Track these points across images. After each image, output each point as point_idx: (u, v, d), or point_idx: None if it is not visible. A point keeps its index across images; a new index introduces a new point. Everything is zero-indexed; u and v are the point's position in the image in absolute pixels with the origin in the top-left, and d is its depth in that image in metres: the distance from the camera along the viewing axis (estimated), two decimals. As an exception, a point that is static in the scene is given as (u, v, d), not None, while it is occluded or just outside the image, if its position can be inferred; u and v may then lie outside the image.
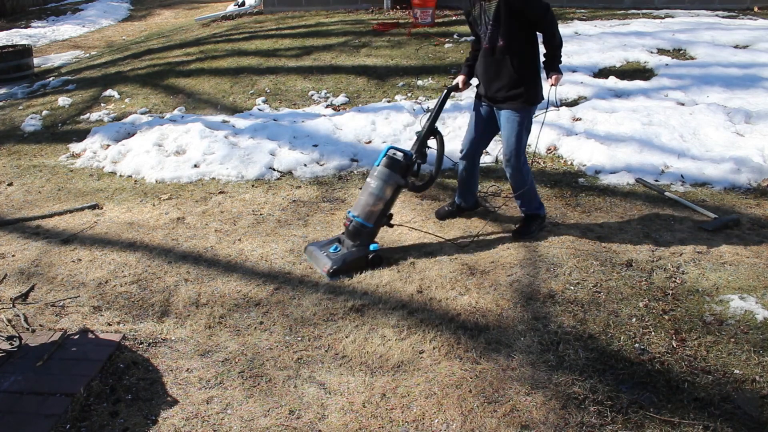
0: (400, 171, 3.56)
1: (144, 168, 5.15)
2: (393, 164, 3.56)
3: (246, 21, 11.40)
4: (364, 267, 3.51)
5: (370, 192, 3.55)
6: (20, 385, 2.64)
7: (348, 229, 3.58)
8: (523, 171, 3.64)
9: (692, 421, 2.38)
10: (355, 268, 3.49)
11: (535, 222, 3.85)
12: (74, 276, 3.60)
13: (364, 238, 3.55)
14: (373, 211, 3.54)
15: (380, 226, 3.63)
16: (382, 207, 3.55)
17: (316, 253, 3.60)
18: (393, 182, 3.55)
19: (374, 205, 3.54)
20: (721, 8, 10.26)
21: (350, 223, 3.57)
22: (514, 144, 3.55)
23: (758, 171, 4.54)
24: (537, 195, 3.83)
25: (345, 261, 3.47)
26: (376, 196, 3.53)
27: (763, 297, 3.11)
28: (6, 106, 7.55)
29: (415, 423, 2.45)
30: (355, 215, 3.56)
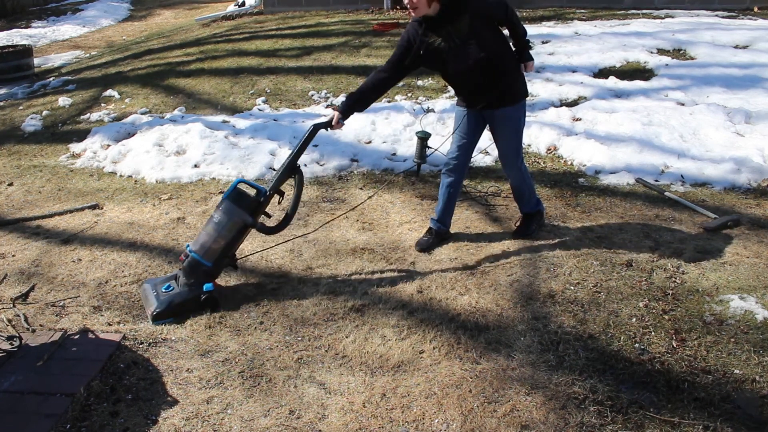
0: (247, 208, 3.20)
1: (144, 168, 5.16)
2: (240, 199, 3.19)
3: (246, 21, 11.41)
4: (196, 310, 3.15)
5: (213, 226, 3.18)
6: (20, 385, 2.64)
7: (183, 264, 3.21)
8: (523, 169, 3.64)
9: (692, 421, 2.38)
10: (185, 311, 3.14)
11: (535, 220, 3.85)
12: (74, 276, 3.60)
13: (199, 277, 3.17)
14: (213, 248, 3.17)
15: (221, 268, 3.27)
16: (224, 245, 3.18)
17: (148, 292, 3.23)
18: (238, 219, 3.18)
19: (215, 242, 3.17)
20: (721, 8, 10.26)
21: (186, 259, 3.20)
22: (514, 141, 3.53)
23: (758, 171, 4.54)
24: (535, 193, 3.81)
25: (171, 303, 3.11)
26: (218, 231, 3.17)
27: (763, 297, 3.11)
28: (6, 106, 7.55)
29: (415, 423, 2.45)
30: (193, 250, 3.18)
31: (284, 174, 3.33)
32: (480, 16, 3.22)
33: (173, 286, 3.20)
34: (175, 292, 3.17)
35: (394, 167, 5.04)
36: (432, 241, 3.77)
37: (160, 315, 3.10)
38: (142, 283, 3.40)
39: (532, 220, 3.84)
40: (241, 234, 3.25)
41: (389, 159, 5.17)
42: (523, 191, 3.72)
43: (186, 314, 3.15)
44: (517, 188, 3.72)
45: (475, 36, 3.22)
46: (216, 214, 3.20)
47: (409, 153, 5.19)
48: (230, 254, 3.27)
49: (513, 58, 3.42)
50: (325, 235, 3.98)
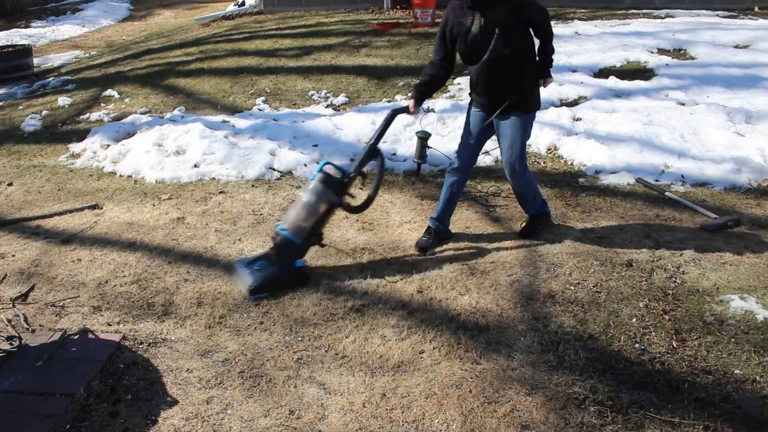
0: (334, 188, 3.37)
1: (144, 168, 5.15)
2: (328, 181, 3.37)
3: (246, 21, 11.40)
4: (288, 285, 3.33)
5: (302, 206, 3.38)
6: (20, 385, 2.63)
7: (275, 242, 3.40)
8: (526, 175, 3.62)
9: (692, 421, 2.38)
10: (278, 287, 3.31)
11: (541, 221, 3.83)
12: (74, 276, 3.60)
13: (290, 254, 3.36)
14: (303, 227, 3.36)
15: (309, 245, 3.44)
16: (313, 223, 3.38)
17: (241, 270, 3.39)
18: (326, 199, 3.36)
19: (304, 220, 3.36)
20: (722, 8, 10.26)
21: (277, 237, 3.39)
22: (519, 150, 3.49)
23: (759, 171, 4.54)
24: (539, 194, 3.80)
25: (266, 279, 3.29)
26: (307, 211, 3.36)
27: (764, 297, 3.10)
28: (6, 106, 7.55)
29: (415, 423, 2.45)
30: (283, 228, 3.37)
31: (366, 157, 3.52)
32: (517, 11, 3.23)
33: (265, 264, 3.36)
34: (269, 269, 3.33)
35: (394, 167, 5.03)
36: (431, 240, 3.76)
37: (256, 290, 3.27)
38: (234, 263, 3.54)
39: (537, 221, 3.83)
40: (329, 213, 3.43)
41: (389, 159, 5.16)
42: (526, 195, 3.72)
43: (279, 289, 3.30)
44: (521, 193, 3.72)
45: (506, 29, 3.23)
46: (305, 194, 3.39)
47: (409, 153, 5.19)
48: (318, 232, 3.44)
49: (535, 66, 3.42)
50: (325, 234, 3.98)
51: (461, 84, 6.68)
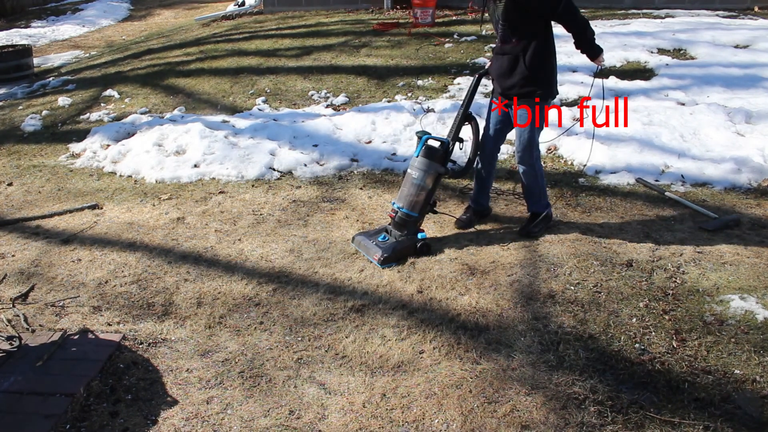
0: (438, 159, 3.65)
1: (144, 168, 5.15)
2: (431, 153, 3.64)
3: (246, 21, 11.40)
4: (413, 255, 3.65)
5: (412, 182, 3.66)
6: (20, 385, 2.63)
7: (394, 219, 3.72)
8: (536, 167, 3.65)
9: (692, 422, 2.38)
10: (404, 256, 3.63)
11: (542, 221, 3.84)
12: (74, 276, 3.60)
13: (410, 227, 3.69)
14: (417, 201, 3.66)
15: (425, 215, 3.75)
16: (425, 196, 3.66)
17: (365, 243, 3.72)
18: (433, 171, 3.64)
19: (417, 195, 3.65)
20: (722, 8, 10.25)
21: (396, 214, 3.70)
22: (527, 140, 3.56)
23: (758, 171, 4.54)
24: (546, 194, 3.82)
25: (395, 250, 3.60)
26: (418, 186, 3.64)
27: (764, 297, 3.10)
28: (6, 106, 7.55)
29: (415, 423, 2.45)
30: (400, 206, 3.68)
31: (460, 123, 3.74)
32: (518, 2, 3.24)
33: (388, 237, 3.70)
34: (396, 240, 3.66)
35: (394, 167, 5.03)
36: (469, 217, 4.00)
37: (388, 259, 3.57)
38: (354, 236, 3.83)
39: (538, 221, 3.83)
40: (437, 183, 3.70)
41: (389, 159, 5.16)
42: (533, 190, 3.74)
43: (405, 258, 3.62)
44: (528, 186, 3.74)
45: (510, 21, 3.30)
46: (413, 171, 3.66)
47: (409, 153, 5.19)
48: (430, 202, 3.73)
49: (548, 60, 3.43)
50: (325, 235, 3.98)
51: (461, 84, 6.68)
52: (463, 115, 3.74)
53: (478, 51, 7.74)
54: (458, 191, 4.60)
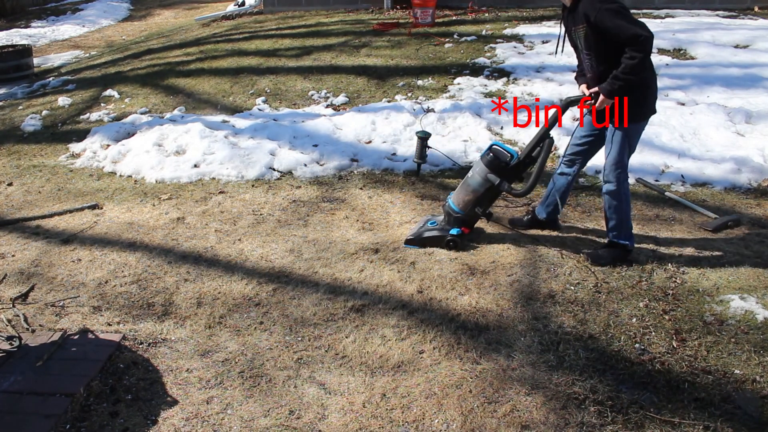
0: (496, 170, 3.54)
1: (144, 168, 5.15)
2: (491, 163, 3.56)
3: (246, 21, 11.40)
4: (440, 246, 3.69)
5: (466, 181, 3.68)
6: (20, 385, 2.63)
7: (443, 208, 3.81)
8: (621, 191, 3.33)
9: (692, 422, 2.38)
10: (429, 245, 3.72)
11: (616, 251, 3.48)
12: (74, 276, 3.60)
13: (452, 221, 3.72)
14: (464, 199, 3.67)
15: (471, 215, 3.69)
16: (473, 198, 3.63)
17: (421, 222, 3.88)
18: (487, 180, 3.56)
19: (465, 194, 3.66)
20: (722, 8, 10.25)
21: (445, 205, 3.78)
22: (613, 161, 3.31)
23: (758, 171, 4.54)
24: (629, 223, 3.44)
25: (421, 235, 3.74)
26: (469, 186, 3.64)
27: (764, 297, 3.10)
28: (6, 106, 7.55)
29: (415, 423, 2.45)
30: (450, 198, 3.75)
31: (537, 142, 3.52)
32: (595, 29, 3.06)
33: (437, 223, 3.77)
34: (431, 228, 3.75)
35: (394, 167, 5.03)
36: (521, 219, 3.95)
37: (410, 241, 3.74)
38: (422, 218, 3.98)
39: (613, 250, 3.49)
40: (491, 192, 3.61)
41: (389, 159, 5.16)
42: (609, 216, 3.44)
43: (428, 246, 3.71)
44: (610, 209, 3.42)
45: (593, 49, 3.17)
46: (472, 171, 3.66)
47: (409, 153, 5.18)
48: (482, 207, 3.64)
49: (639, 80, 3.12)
50: (325, 235, 3.98)
51: (461, 84, 6.68)
52: (544, 132, 3.50)
53: (478, 51, 7.74)
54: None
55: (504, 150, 3.59)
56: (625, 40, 2.99)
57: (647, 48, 2.99)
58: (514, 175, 3.57)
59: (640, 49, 2.97)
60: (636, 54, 2.98)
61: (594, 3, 3.01)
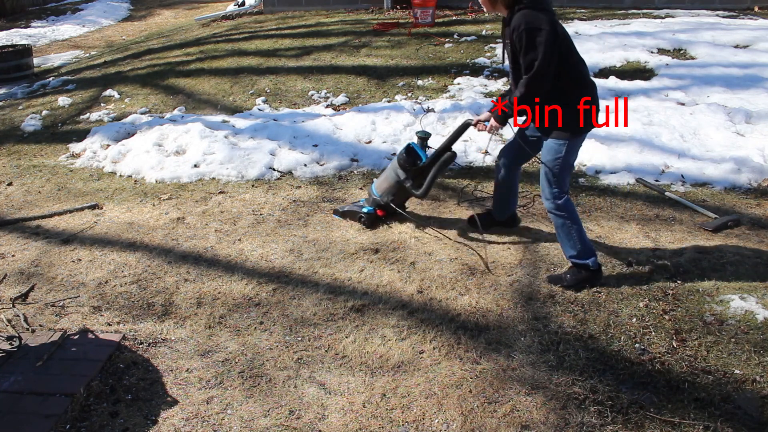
0: (403, 167, 3.85)
1: (144, 168, 5.15)
2: (401, 159, 3.87)
3: (246, 21, 11.40)
4: (355, 220, 4.13)
5: (385, 169, 4.06)
6: (20, 385, 2.63)
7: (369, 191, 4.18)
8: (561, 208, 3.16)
9: (692, 422, 2.38)
10: (348, 218, 4.18)
11: (579, 273, 3.26)
12: (74, 276, 3.60)
13: (371, 201, 4.09)
14: (382, 186, 4.02)
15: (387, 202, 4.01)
16: (387, 186, 3.98)
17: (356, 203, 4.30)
18: (396, 175, 3.89)
19: (382, 182, 4.03)
20: (722, 8, 10.26)
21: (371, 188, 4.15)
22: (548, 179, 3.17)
23: (758, 171, 4.54)
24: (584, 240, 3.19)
25: (342, 210, 4.21)
26: (386, 176, 4.00)
27: (764, 297, 3.10)
28: (6, 106, 7.55)
29: (415, 423, 2.45)
30: (374, 184, 4.11)
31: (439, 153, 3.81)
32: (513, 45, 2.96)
33: (364, 202, 4.17)
34: (354, 204, 4.21)
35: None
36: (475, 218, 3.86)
37: (335, 212, 4.25)
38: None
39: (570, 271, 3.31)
40: (398, 185, 3.92)
41: (389, 159, 5.16)
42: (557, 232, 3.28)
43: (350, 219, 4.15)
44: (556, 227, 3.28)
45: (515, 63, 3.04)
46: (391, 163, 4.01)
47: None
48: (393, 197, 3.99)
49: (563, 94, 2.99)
50: (325, 235, 3.98)
51: (461, 84, 6.68)
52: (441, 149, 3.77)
53: (478, 51, 7.74)
54: (459, 191, 4.60)
55: (416, 152, 3.89)
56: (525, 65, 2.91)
57: (536, 81, 2.89)
58: (420, 176, 3.82)
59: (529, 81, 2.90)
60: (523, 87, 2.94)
61: (519, 20, 2.87)
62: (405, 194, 3.98)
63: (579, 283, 3.26)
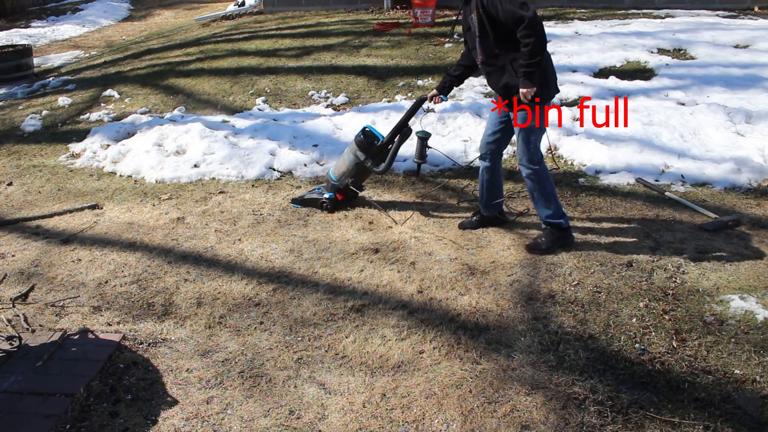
0: (363, 149, 4.10)
1: (144, 168, 5.15)
2: (360, 142, 4.12)
3: (246, 21, 11.40)
4: (316, 207, 4.31)
5: (342, 155, 4.31)
6: (20, 385, 2.63)
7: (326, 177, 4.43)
8: (539, 172, 3.46)
9: (692, 422, 2.38)
10: (309, 205, 4.35)
11: (553, 234, 3.60)
12: (74, 276, 3.60)
13: (330, 187, 4.30)
14: (339, 171, 4.25)
15: (345, 185, 4.24)
16: (345, 170, 4.22)
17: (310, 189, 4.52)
18: (355, 157, 4.14)
19: (340, 167, 4.26)
20: (722, 8, 10.25)
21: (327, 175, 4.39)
22: (523, 144, 3.45)
23: (758, 171, 4.54)
24: (557, 202, 3.55)
25: (303, 197, 4.38)
26: (343, 160, 4.25)
27: (764, 297, 3.10)
28: (6, 106, 7.55)
29: (415, 423, 2.45)
30: (331, 171, 4.33)
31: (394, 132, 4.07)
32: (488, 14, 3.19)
33: (321, 189, 4.36)
34: (313, 191, 4.39)
35: (394, 167, 5.03)
36: (471, 221, 4.00)
37: (295, 200, 4.42)
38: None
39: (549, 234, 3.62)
40: (358, 167, 4.17)
41: (389, 159, 5.16)
42: (537, 195, 3.56)
43: (311, 206, 4.33)
44: (531, 190, 3.59)
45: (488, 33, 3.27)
46: (347, 149, 4.24)
47: (409, 153, 5.18)
48: (353, 179, 4.21)
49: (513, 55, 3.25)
50: (325, 235, 3.98)
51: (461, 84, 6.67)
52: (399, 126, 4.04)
53: (478, 51, 7.73)
54: (459, 191, 4.60)
55: (373, 133, 4.17)
56: (512, 24, 3.11)
57: (536, 29, 3.09)
58: (379, 155, 4.10)
59: (530, 33, 3.08)
60: (526, 39, 3.10)
61: None
62: (364, 175, 4.26)
63: (554, 243, 3.61)
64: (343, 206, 4.30)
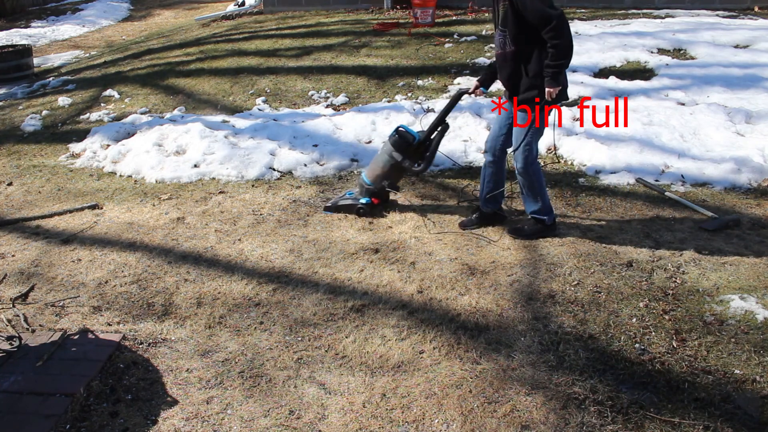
0: (400, 149, 3.98)
1: (144, 168, 5.15)
2: (396, 142, 4.00)
3: (246, 21, 11.40)
4: (352, 213, 4.18)
5: (376, 157, 4.17)
6: (20, 385, 2.63)
7: (358, 182, 4.28)
8: (531, 170, 3.56)
9: (692, 422, 2.38)
10: (343, 212, 4.21)
11: (536, 226, 3.78)
12: (74, 276, 3.60)
13: (364, 192, 4.18)
14: (373, 173, 4.13)
15: (380, 187, 4.13)
16: (380, 172, 4.09)
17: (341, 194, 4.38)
18: (391, 157, 4.01)
19: (374, 169, 4.13)
20: (722, 8, 10.25)
21: (359, 179, 4.24)
22: (520, 142, 3.50)
23: (759, 171, 4.54)
24: (545, 199, 3.69)
25: (336, 204, 4.24)
26: (377, 161, 4.11)
27: (764, 297, 3.10)
28: (6, 106, 7.55)
29: (415, 423, 2.45)
30: (364, 174, 4.19)
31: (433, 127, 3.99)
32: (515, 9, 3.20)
33: (354, 194, 4.26)
34: (347, 198, 4.26)
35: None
36: (471, 220, 4.00)
37: (327, 208, 4.27)
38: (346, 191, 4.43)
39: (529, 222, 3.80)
40: (395, 168, 4.06)
41: (389, 159, 5.16)
42: (527, 191, 3.68)
43: (345, 213, 4.20)
44: (521, 186, 3.69)
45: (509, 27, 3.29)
46: (381, 150, 4.14)
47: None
48: (389, 180, 4.11)
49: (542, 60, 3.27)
50: (325, 235, 3.98)
51: (461, 84, 6.68)
52: (436, 122, 3.96)
53: (478, 51, 7.74)
54: (459, 191, 4.60)
55: (408, 132, 4.02)
56: (538, 23, 3.15)
57: (563, 30, 3.13)
58: (416, 154, 4.00)
59: (557, 34, 3.12)
60: (554, 40, 3.15)
61: None
62: (400, 175, 4.17)
63: (536, 234, 3.77)
64: (379, 210, 4.21)
